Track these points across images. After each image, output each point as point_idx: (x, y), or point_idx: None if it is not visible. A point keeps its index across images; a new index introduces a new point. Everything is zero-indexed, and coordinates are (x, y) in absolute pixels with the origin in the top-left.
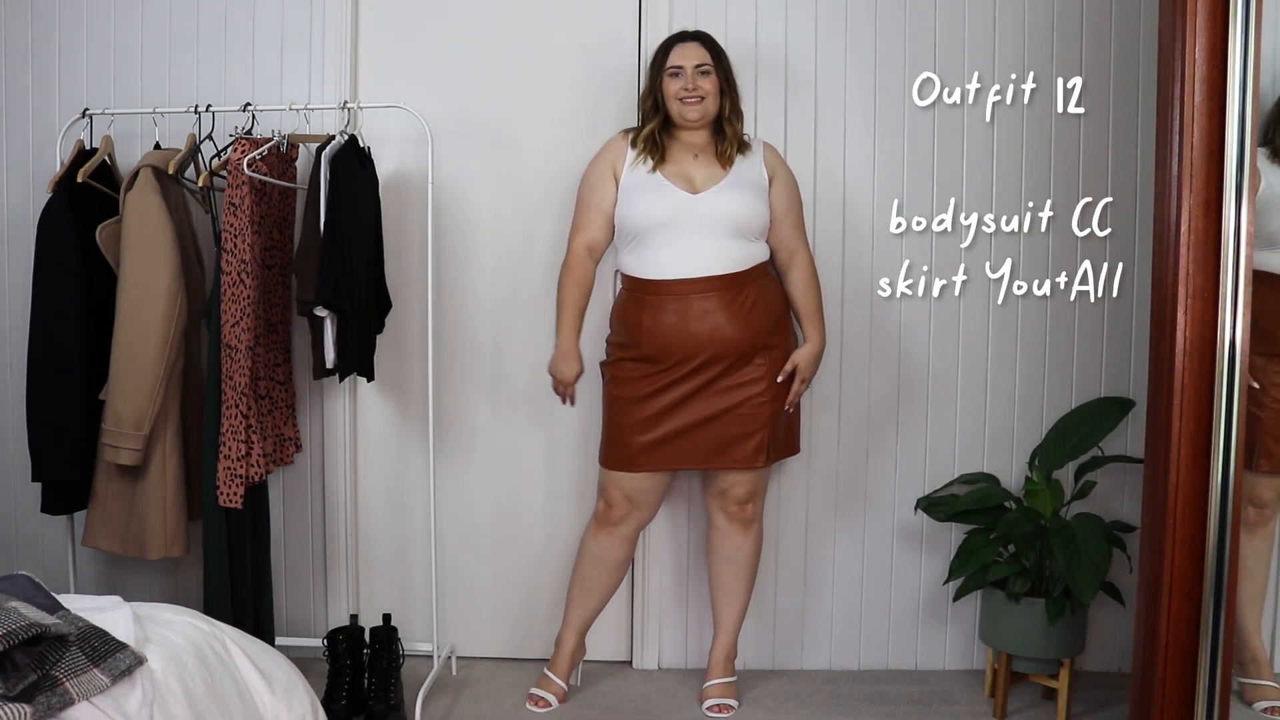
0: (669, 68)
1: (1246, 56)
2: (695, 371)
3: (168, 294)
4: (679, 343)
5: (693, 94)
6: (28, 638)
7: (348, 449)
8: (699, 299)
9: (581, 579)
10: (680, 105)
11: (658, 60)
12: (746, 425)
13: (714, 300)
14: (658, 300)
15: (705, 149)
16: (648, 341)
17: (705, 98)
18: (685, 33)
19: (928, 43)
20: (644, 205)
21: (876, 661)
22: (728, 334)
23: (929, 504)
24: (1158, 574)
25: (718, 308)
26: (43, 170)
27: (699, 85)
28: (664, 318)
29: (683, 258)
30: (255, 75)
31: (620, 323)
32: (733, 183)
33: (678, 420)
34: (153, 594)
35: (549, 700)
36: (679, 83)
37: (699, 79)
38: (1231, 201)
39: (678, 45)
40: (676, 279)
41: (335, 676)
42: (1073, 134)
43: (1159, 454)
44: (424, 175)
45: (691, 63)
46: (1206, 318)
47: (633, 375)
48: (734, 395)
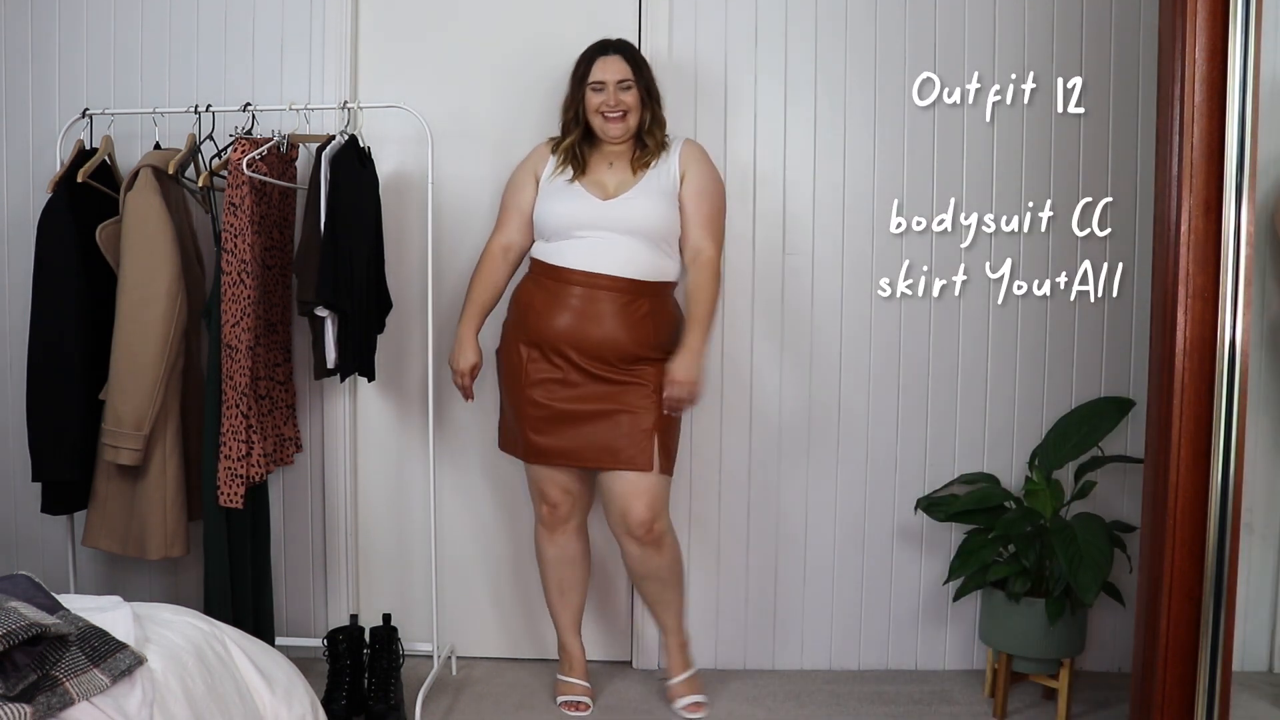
0: (591, 82)
1: (1246, 56)
2: (578, 365)
3: (168, 294)
4: (564, 337)
5: (615, 110)
6: (28, 638)
7: (348, 449)
8: (597, 294)
9: (555, 584)
10: (603, 121)
11: (579, 72)
12: (633, 426)
13: (609, 300)
14: (556, 286)
15: (621, 156)
16: (534, 325)
17: (628, 113)
18: (607, 43)
19: (928, 43)
20: (557, 208)
21: (876, 661)
22: (614, 335)
23: (929, 504)
24: (1158, 574)
25: (611, 308)
26: (43, 170)
27: (621, 100)
28: (558, 305)
29: (590, 254)
30: (255, 75)
31: (515, 303)
32: (643, 189)
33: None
34: (153, 594)
35: (586, 703)
36: (600, 98)
37: (621, 94)
38: (1231, 201)
39: (600, 59)
40: (579, 270)
41: (335, 676)
42: (1073, 134)
43: (1159, 454)
44: (424, 175)
45: (614, 78)
46: (1206, 318)
47: (521, 358)
48: (618, 398)
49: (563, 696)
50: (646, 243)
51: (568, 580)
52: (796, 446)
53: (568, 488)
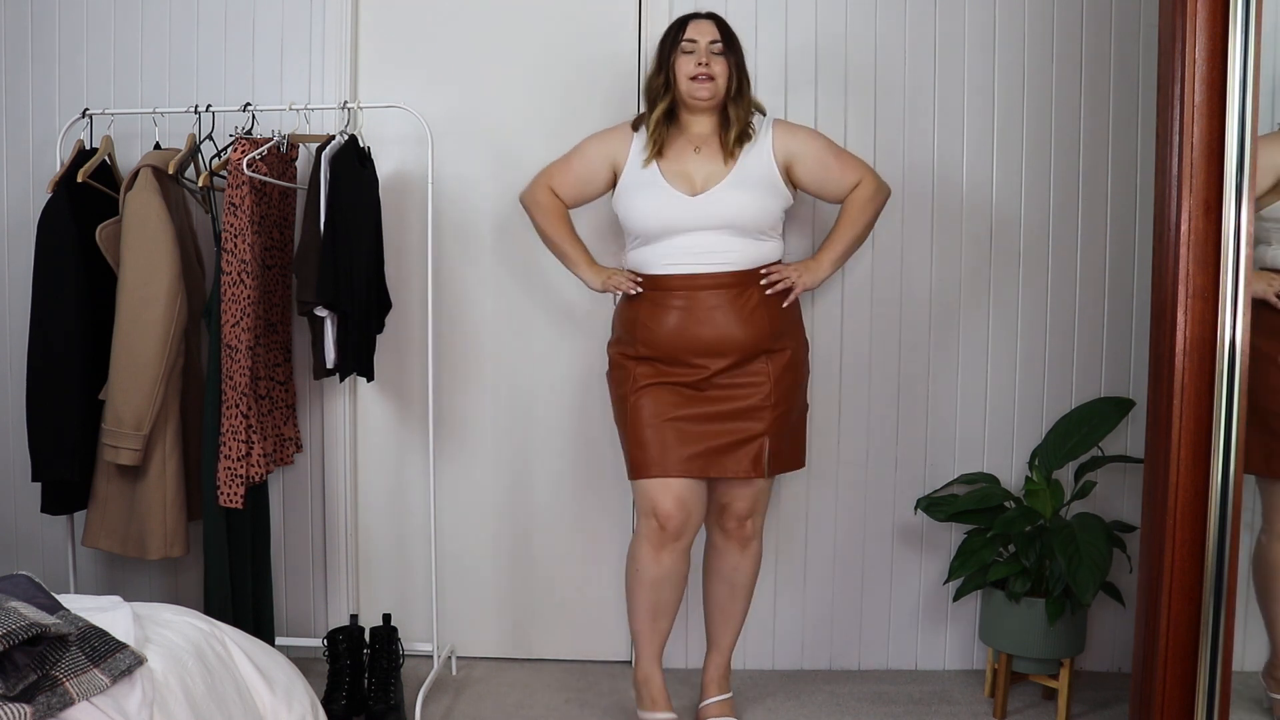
0: (684, 40)
1: (1246, 56)
2: (693, 372)
3: (168, 294)
4: (677, 341)
5: (705, 70)
6: (28, 638)
7: (348, 449)
8: (701, 296)
9: (652, 608)
10: (690, 84)
11: (671, 35)
12: (745, 433)
13: (716, 298)
14: (657, 295)
15: (709, 140)
16: (644, 339)
17: (716, 77)
18: (698, 12)
19: (928, 43)
20: (641, 206)
21: (876, 661)
22: (729, 334)
23: (929, 504)
24: (1158, 574)
25: (720, 305)
26: (43, 170)
27: (711, 63)
28: (664, 315)
29: (683, 255)
30: (255, 75)
31: (619, 320)
32: (736, 181)
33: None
34: (153, 594)
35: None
36: (692, 59)
37: (712, 57)
38: (1231, 201)
39: (693, 21)
40: (677, 274)
41: (335, 676)
42: (1073, 134)
43: (1159, 454)
44: (424, 175)
45: (706, 39)
46: (1206, 318)
47: (633, 374)
48: (733, 401)
49: None
50: (745, 235)
51: (664, 603)
52: None
53: (684, 500)
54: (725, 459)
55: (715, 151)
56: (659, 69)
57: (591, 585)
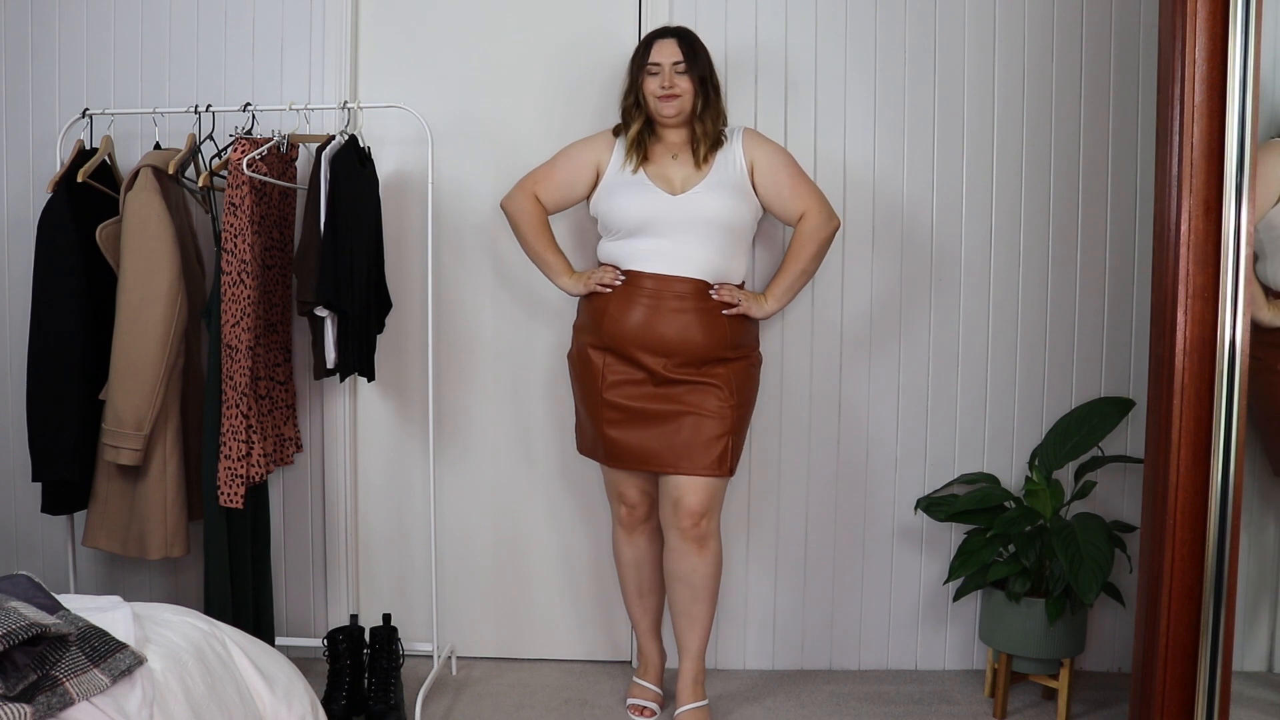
0: (648, 64)
1: (1246, 56)
2: (651, 368)
3: (168, 294)
4: (639, 334)
5: (670, 91)
6: (28, 638)
7: (348, 449)
8: (669, 297)
9: (635, 587)
10: (657, 102)
11: (638, 57)
12: (707, 431)
13: (683, 302)
14: (628, 289)
15: (683, 149)
16: (609, 330)
17: (680, 95)
18: (666, 29)
19: (928, 43)
20: (624, 202)
21: (876, 661)
22: (690, 336)
23: (929, 504)
24: (1158, 574)
25: (685, 310)
26: (43, 170)
27: (675, 83)
28: (631, 309)
29: (660, 256)
30: (255, 75)
31: (586, 307)
32: (711, 183)
33: (640, 420)
34: (153, 594)
35: (652, 708)
36: (657, 80)
37: (675, 77)
38: (1231, 201)
39: (657, 42)
40: (650, 273)
41: (335, 676)
42: (1073, 134)
43: (1159, 454)
44: (424, 175)
45: (668, 60)
46: (1206, 318)
47: (595, 362)
48: (692, 401)
49: (632, 699)
50: (718, 241)
51: (646, 582)
52: (797, 446)
53: (645, 489)
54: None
55: (689, 158)
56: (629, 89)
57: (591, 585)
